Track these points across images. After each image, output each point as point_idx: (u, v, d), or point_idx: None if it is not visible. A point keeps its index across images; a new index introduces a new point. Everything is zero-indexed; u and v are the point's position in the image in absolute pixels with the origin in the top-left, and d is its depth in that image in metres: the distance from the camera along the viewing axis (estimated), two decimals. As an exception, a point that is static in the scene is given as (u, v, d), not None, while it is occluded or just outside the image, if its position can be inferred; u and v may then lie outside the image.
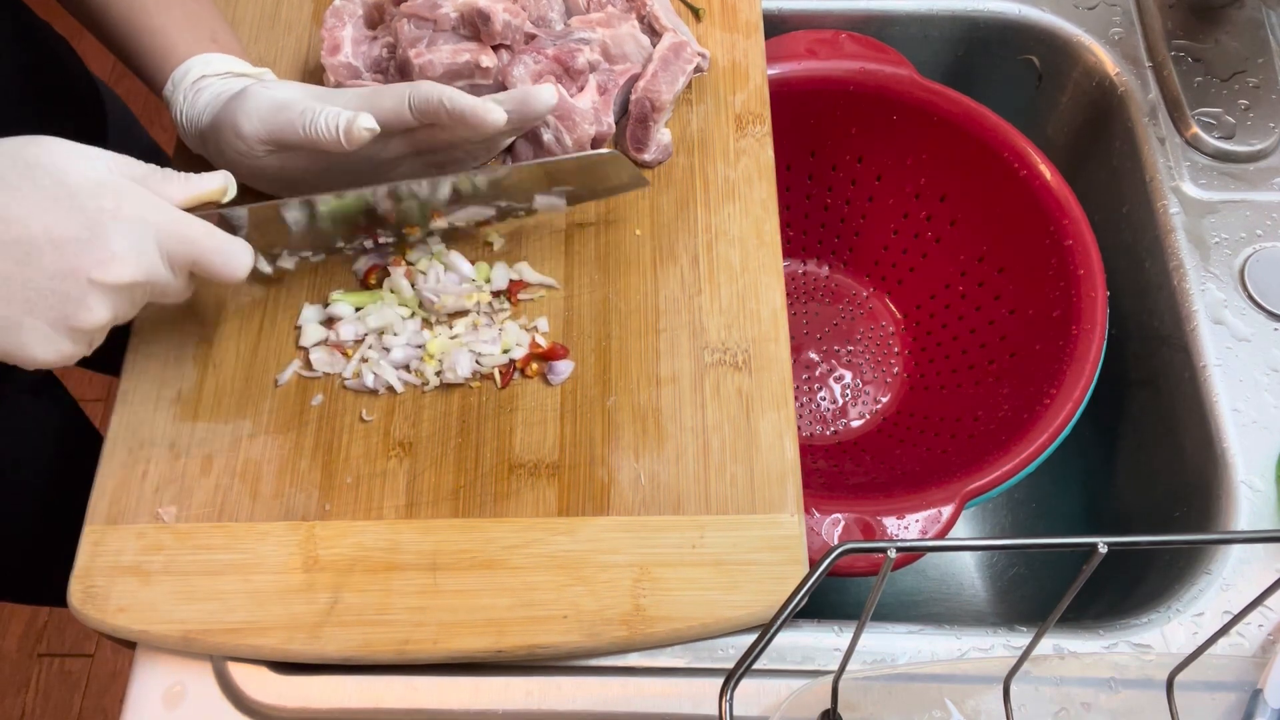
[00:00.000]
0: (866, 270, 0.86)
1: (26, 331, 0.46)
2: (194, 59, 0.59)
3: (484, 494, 0.56)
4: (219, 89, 0.58)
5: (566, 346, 0.60)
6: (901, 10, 0.82)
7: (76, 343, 0.49)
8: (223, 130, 0.57)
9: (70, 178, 0.47)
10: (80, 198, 0.47)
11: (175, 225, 0.50)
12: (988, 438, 0.68)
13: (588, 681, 0.54)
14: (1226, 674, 0.53)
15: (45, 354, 0.48)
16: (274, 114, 0.55)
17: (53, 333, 0.47)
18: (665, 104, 0.65)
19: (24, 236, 0.45)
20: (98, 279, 0.47)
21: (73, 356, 0.49)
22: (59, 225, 0.46)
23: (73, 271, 0.46)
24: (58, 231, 0.46)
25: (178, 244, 0.50)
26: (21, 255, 0.45)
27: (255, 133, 0.55)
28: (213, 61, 0.59)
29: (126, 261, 0.47)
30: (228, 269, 0.52)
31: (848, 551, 0.36)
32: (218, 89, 0.58)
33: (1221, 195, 0.70)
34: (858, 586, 0.82)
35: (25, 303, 0.46)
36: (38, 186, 0.46)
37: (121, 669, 1.43)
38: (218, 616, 0.53)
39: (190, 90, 0.59)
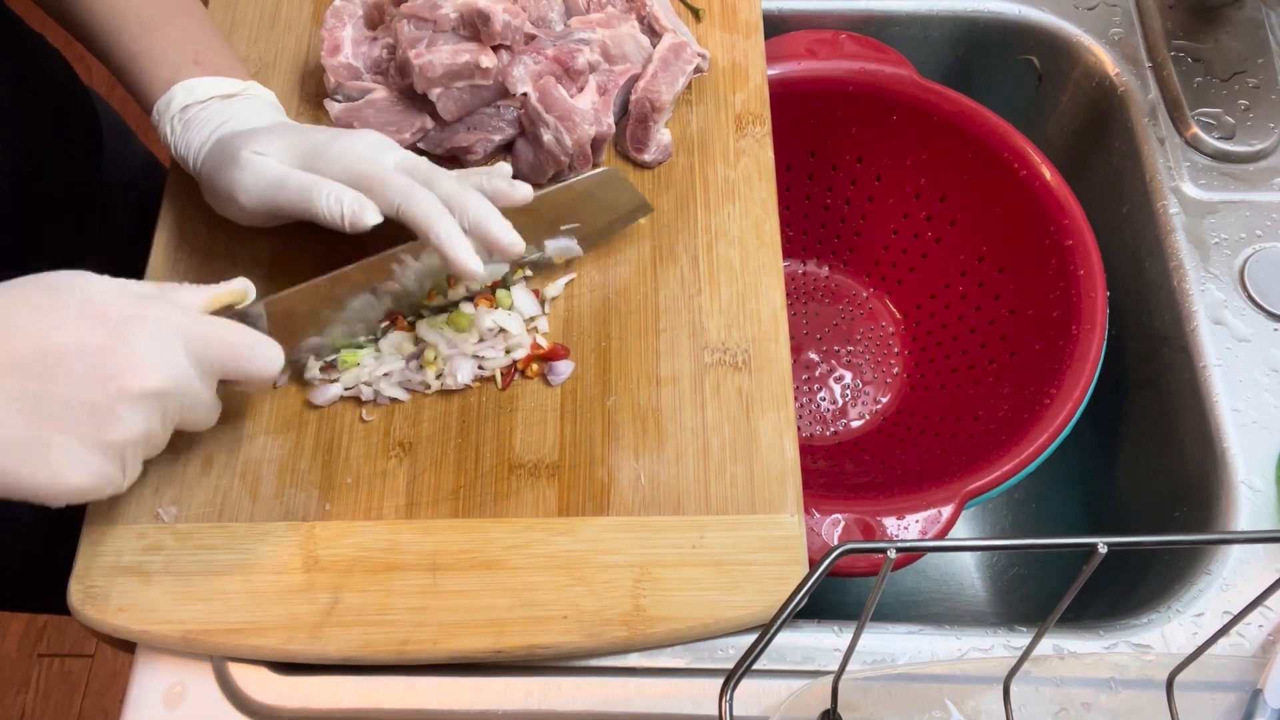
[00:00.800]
0: (866, 270, 0.86)
1: (56, 451, 0.44)
2: (177, 86, 0.58)
3: (484, 494, 0.56)
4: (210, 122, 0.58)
5: (567, 346, 0.60)
6: (901, 10, 0.82)
7: (109, 460, 0.46)
8: (219, 194, 0.57)
9: (91, 292, 0.46)
10: (104, 308, 0.46)
11: (201, 327, 0.49)
12: (988, 438, 0.68)
13: (588, 682, 0.54)
14: (1226, 674, 0.53)
15: (78, 476, 0.45)
16: (273, 193, 0.54)
17: (83, 450, 0.45)
18: (665, 104, 0.65)
19: (49, 349, 0.44)
20: (129, 385, 0.45)
21: (107, 478, 0.47)
22: (85, 335, 0.45)
23: (101, 381, 0.45)
24: (84, 341, 0.45)
25: (206, 346, 0.49)
26: (46, 370, 0.44)
27: (254, 204, 0.55)
28: (196, 87, 0.59)
29: (156, 367, 0.46)
30: (259, 364, 0.50)
31: (848, 552, 0.36)
32: (209, 122, 0.58)
33: (1221, 195, 0.70)
34: (858, 586, 0.82)
35: (52, 420, 0.44)
36: (60, 302, 0.45)
37: (121, 669, 1.43)
38: (218, 617, 0.53)
39: (178, 121, 0.58)
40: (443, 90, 0.63)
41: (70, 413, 0.44)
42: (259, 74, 0.69)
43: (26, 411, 0.44)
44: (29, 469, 0.44)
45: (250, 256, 0.63)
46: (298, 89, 0.69)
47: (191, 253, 0.63)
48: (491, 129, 0.65)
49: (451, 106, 0.64)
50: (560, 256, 0.62)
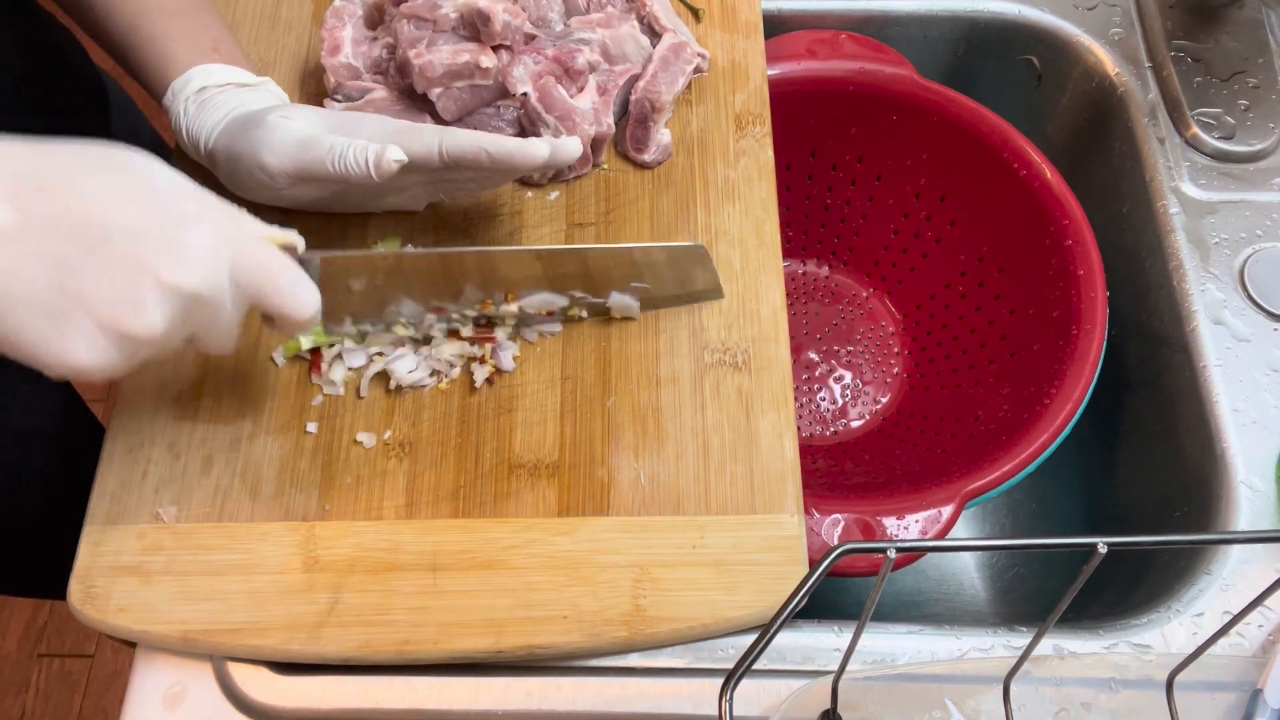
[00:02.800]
0: (866, 270, 0.86)
1: (74, 326, 0.42)
2: (195, 69, 0.59)
3: (484, 494, 0.56)
4: (225, 104, 0.58)
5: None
6: (901, 10, 0.82)
7: (120, 350, 0.44)
8: (242, 159, 0.56)
9: (158, 180, 0.45)
10: (164, 196, 0.45)
11: (254, 247, 0.47)
12: (988, 438, 0.68)
13: (588, 682, 0.54)
14: (1226, 674, 0.53)
15: (86, 356, 0.43)
16: (300, 152, 0.54)
17: (99, 334, 0.43)
18: (665, 104, 0.65)
19: (98, 220, 0.42)
20: (165, 279, 0.43)
21: (110, 367, 0.44)
22: (137, 216, 0.43)
23: (141, 266, 0.43)
24: (134, 221, 0.43)
25: (252, 268, 0.47)
26: (90, 241, 0.42)
27: (281, 168, 0.55)
28: (214, 72, 0.59)
29: (197, 267, 0.44)
30: (293, 303, 0.48)
31: (848, 552, 0.36)
32: (224, 104, 0.58)
33: (1221, 195, 0.70)
34: (858, 586, 0.82)
35: (80, 293, 0.42)
36: (125, 180, 0.44)
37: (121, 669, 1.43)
38: (218, 617, 0.53)
39: (192, 102, 0.59)
40: (443, 90, 0.63)
41: (99, 290, 0.42)
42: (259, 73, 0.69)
43: (57, 276, 0.42)
44: (39, 335, 0.42)
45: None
46: (298, 89, 0.69)
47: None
48: (491, 129, 0.65)
49: (451, 106, 0.64)
50: (617, 312, 0.60)
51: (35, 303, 0.41)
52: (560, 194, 0.66)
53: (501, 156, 0.54)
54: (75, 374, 0.44)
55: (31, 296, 0.41)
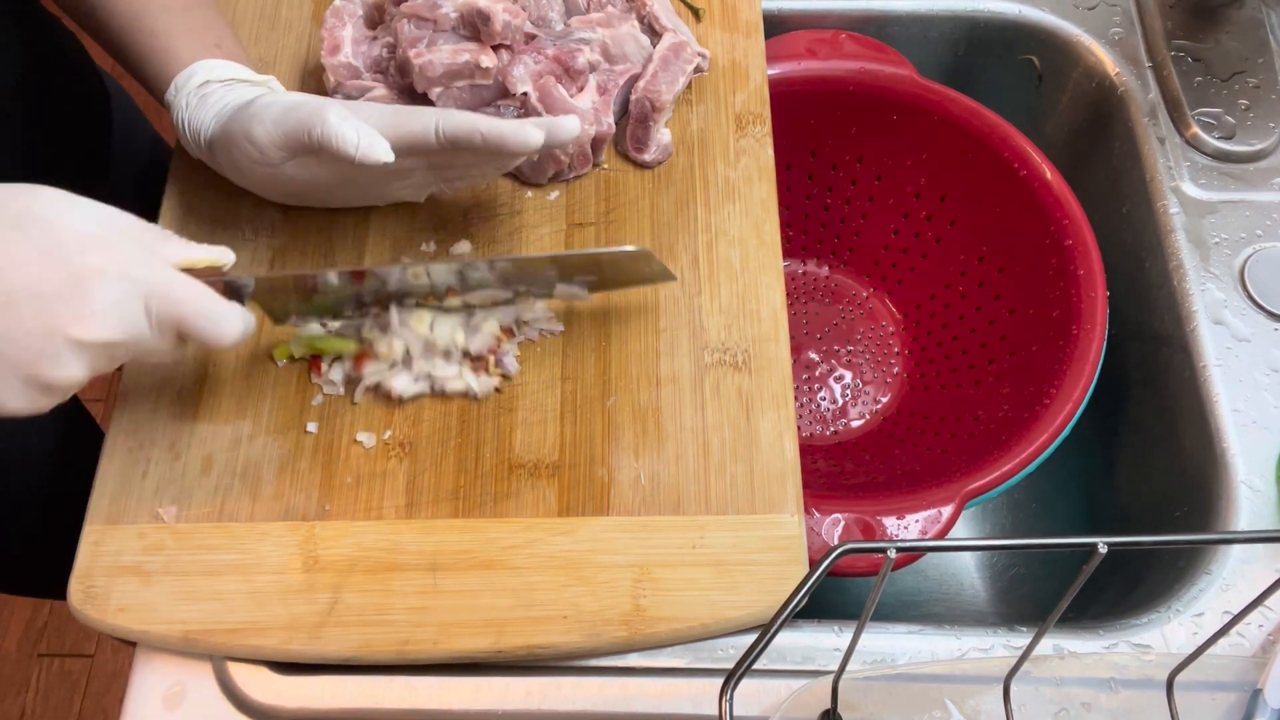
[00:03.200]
0: (866, 270, 0.86)
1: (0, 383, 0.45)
2: (198, 64, 0.59)
3: (484, 494, 0.56)
4: (225, 98, 0.58)
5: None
6: (901, 10, 0.81)
7: (50, 395, 0.47)
8: (234, 138, 0.56)
9: (60, 230, 0.45)
10: (67, 251, 0.45)
11: (164, 285, 0.48)
12: (988, 438, 0.68)
13: (588, 682, 0.54)
14: (1226, 674, 0.53)
15: (17, 404, 0.46)
16: (286, 114, 0.54)
17: (24, 387, 0.45)
18: (665, 104, 0.65)
19: (5, 288, 0.44)
20: (75, 336, 0.45)
21: (46, 406, 0.47)
22: (42, 279, 0.44)
23: (50, 328, 0.44)
24: (40, 285, 0.44)
25: (165, 304, 0.48)
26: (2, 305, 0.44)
27: (268, 135, 0.55)
28: (216, 68, 0.59)
29: (106, 320, 0.46)
30: (214, 333, 0.49)
31: (848, 551, 0.36)
32: (224, 97, 0.58)
33: (1221, 195, 0.70)
34: (858, 586, 0.82)
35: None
36: (25, 238, 0.45)
37: (121, 669, 1.43)
38: (218, 617, 0.53)
39: (194, 96, 0.59)
40: (443, 90, 0.63)
41: (16, 352, 0.44)
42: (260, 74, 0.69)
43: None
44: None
45: (250, 258, 0.63)
46: (297, 89, 0.69)
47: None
48: (491, 129, 0.65)
49: (451, 106, 0.64)
50: (564, 298, 0.61)
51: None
52: (560, 194, 0.66)
53: (494, 137, 0.54)
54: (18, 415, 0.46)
55: None
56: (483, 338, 0.59)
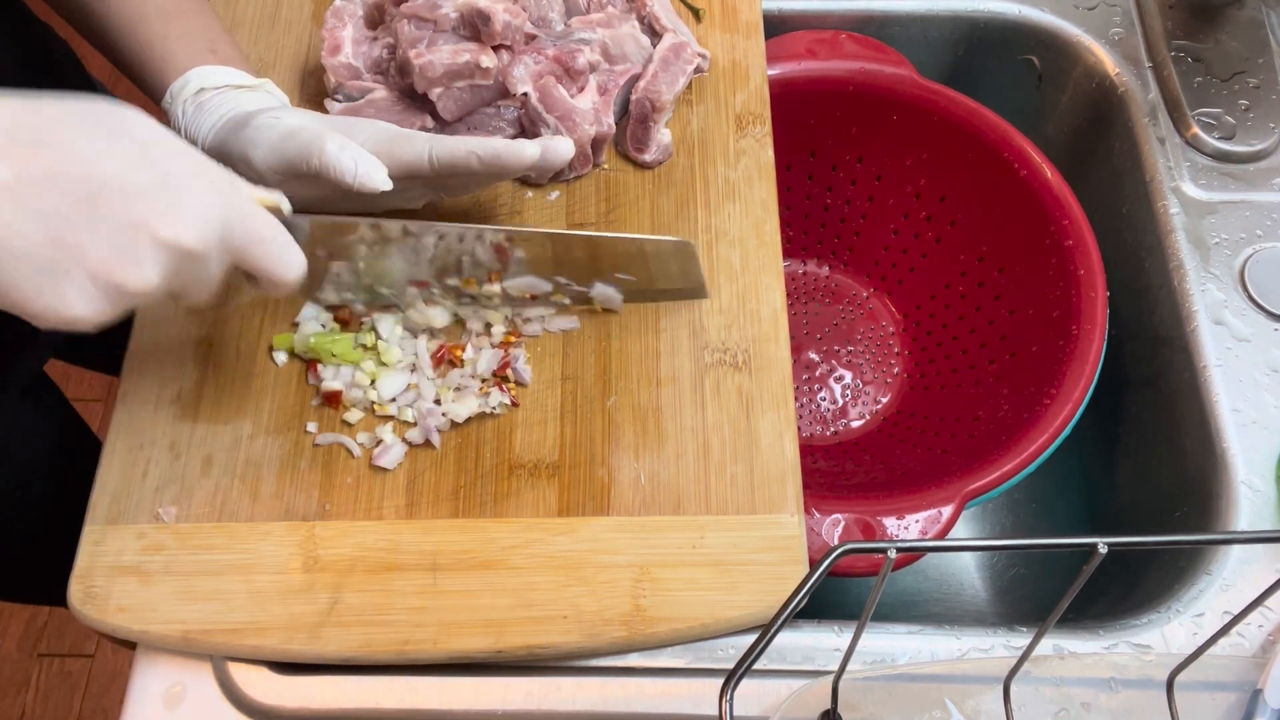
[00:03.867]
0: (866, 270, 0.86)
1: (69, 279, 0.43)
2: (192, 71, 0.59)
3: (484, 494, 0.56)
4: (222, 106, 0.58)
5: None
6: (901, 10, 0.81)
7: (111, 301, 0.45)
8: (232, 160, 0.56)
9: (152, 139, 0.45)
10: (160, 153, 0.45)
11: (245, 208, 0.48)
12: (988, 438, 0.68)
13: (588, 682, 0.54)
14: (1226, 674, 0.53)
15: (78, 308, 0.43)
16: (284, 140, 0.54)
17: (93, 287, 0.44)
18: (665, 104, 0.65)
19: (94, 176, 0.43)
20: (162, 235, 0.44)
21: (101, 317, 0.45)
22: (132, 173, 0.44)
23: (137, 222, 0.43)
24: (130, 179, 0.43)
25: (243, 228, 0.47)
26: (87, 196, 0.42)
27: (266, 161, 0.55)
28: (211, 74, 0.59)
29: (191, 223, 0.45)
30: (280, 265, 0.49)
31: (848, 552, 0.36)
32: (220, 106, 0.58)
33: (1221, 195, 0.70)
34: (858, 586, 0.82)
35: (76, 249, 0.42)
36: (117, 139, 0.44)
37: (121, 669, 1.43)
38: (218, 616, 0.53)
39: (190, 104, 0.59)
40: (443, 90, 0.63)
41: (96, 246, 0.43)
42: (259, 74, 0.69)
43: (52, 231, 0.42)
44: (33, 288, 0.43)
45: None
46: (298, 89, 0.69)
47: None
48: (492, 129, 0.65)
49: (452, 106, 0.64)
50: (599, 303, 0.61)
51: (31, 257, 0.42)
52: (560, 194, 0.66)
53: (490, 159, 0.55)
54: (66, 324, 0.44)
55: (27, 251, 0.42)
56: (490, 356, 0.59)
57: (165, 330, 0.61)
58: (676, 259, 0.59)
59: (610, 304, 0.61)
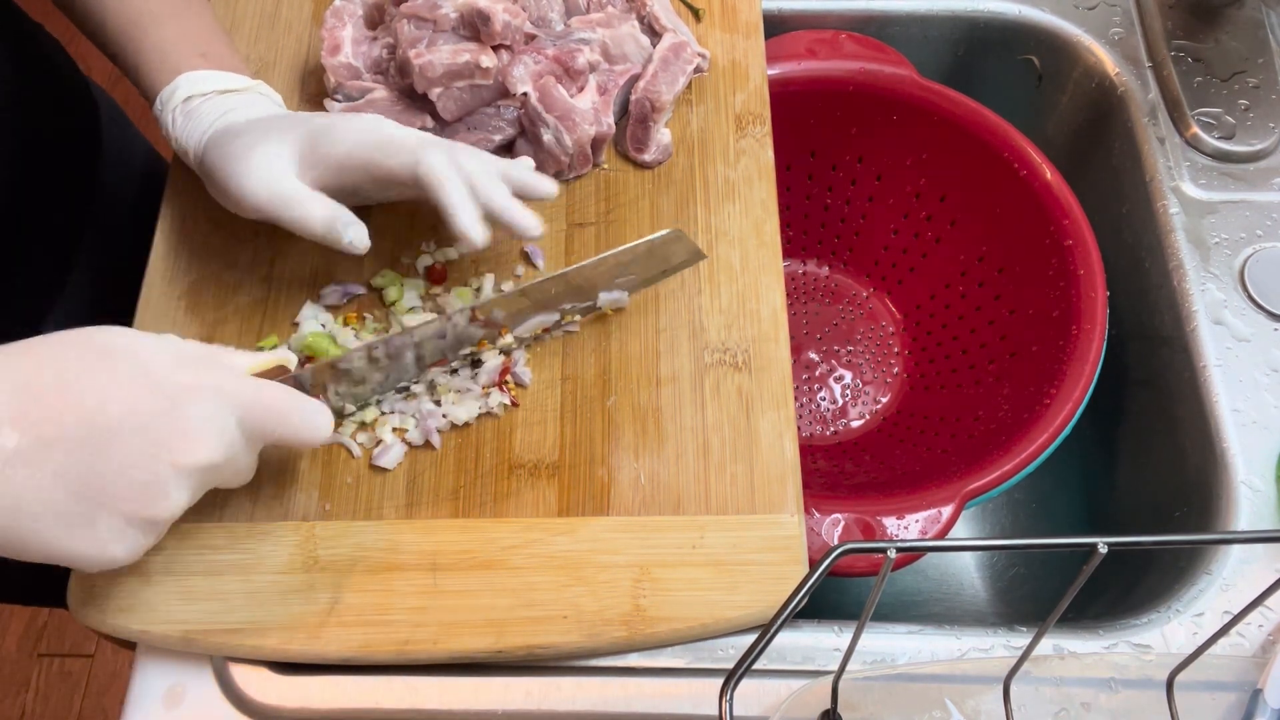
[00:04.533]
0: (866, 270, 0.86)
1: (102, 526, 0.43)
2: (181, 78, 0.58)
3: (484, 494, 0.56)
4: (211, 114, 0.58)
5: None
6: (901, 10, 0.82)
7: (148, 535, 0.45)
8: (225, 190, 0.56)
9: (145, 356, 0.45)
10: (156, 376, 0.45)
11: (253, 393, 0.47)
12: (988, 438, 0.68)
13: (588, 682, 0.54)
14: (1226, 674, 0.53)
15: (120, 550, 0.44)
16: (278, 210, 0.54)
17: (127, 526, 0.44)
18: (665, 104, 0.65)
19: (101, 421, 0.43)
20: (181, 461, 0.44)
21: (140, 550, 0.46)
22: (140, 406, 0.43)
23: (154, 455, 0.43)
24: (140, 413, 0.43)
25: (257, 412, 0.47)
26: (99, 444, 0.42)
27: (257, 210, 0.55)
28: (200, 80, 0.59)
29: (210, 440, 0.45)
30: (310, 430, 0.49)
31: (848, 551, 0.36)
32: (210, 114, 0.58)
33: (1221, 195, 0.70)
34: (858, 586, 0.82)
35: (100, 494, 0.43)
36: (115, 368, 0.44)
37: (121, 669, 1.43)
38: (218, 616, 0.53)
39: (180, 111, 0.58)
40: (443, 90, 0.63)
41: (119, 488, 0.43)
42: (259, 74, 0.69)
43: (74, 486, 0.42)
44: (69, 541, 0.43)
45: (250, 259, 0.63)
46: (298, 89, 0.69)
47: (191, 254, 0.63)
48: (491, 129, 0.65)
49: (451, 106, 0.64)
50: (609, 306, 0.61)
51: (60, 515, 0.42)
52: (560, 194, 0.65)
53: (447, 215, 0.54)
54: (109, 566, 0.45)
55: (55, 511, 0.42)
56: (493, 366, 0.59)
57: (165, 330, 0.61)
58: (672, 245, 0.59)
59: (618, 305, 0.61)
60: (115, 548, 0.44)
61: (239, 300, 0.62)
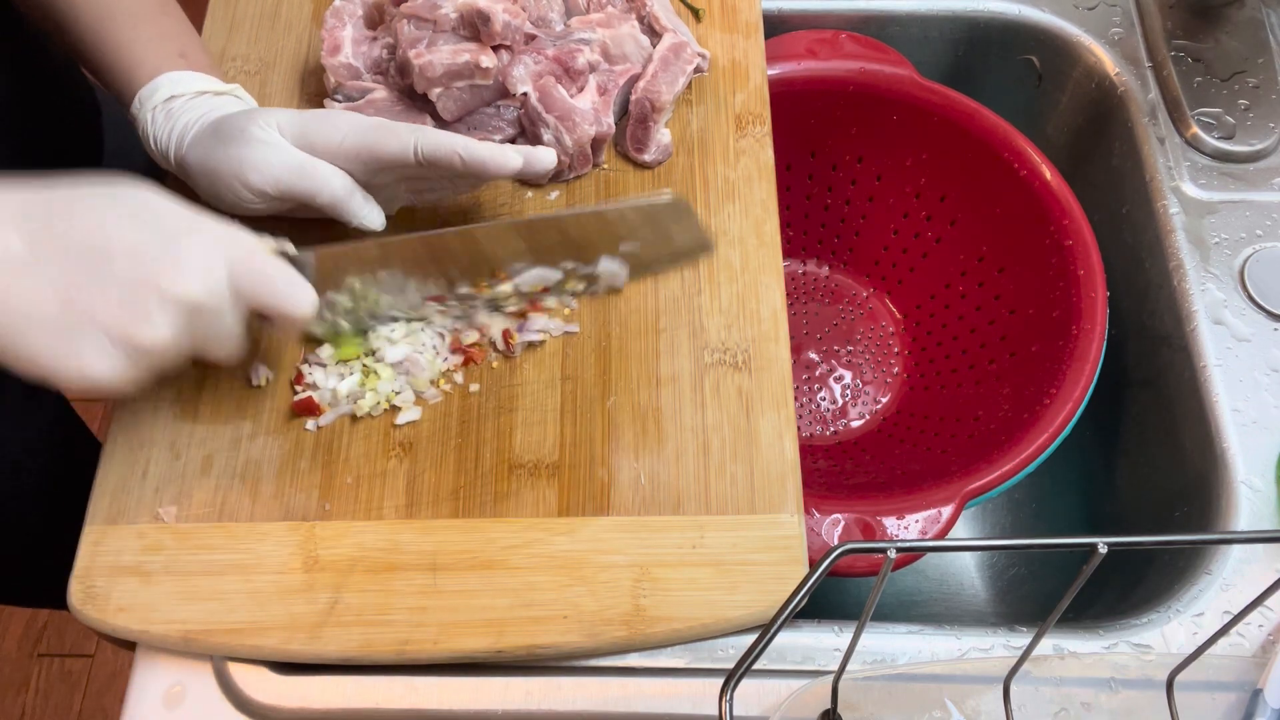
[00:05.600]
0: (866, 270, 0.86)
1: (87, 341, 0.45)
2: (162, 77, 0.58)
3: (484, 494, 0.56)
4: (193, 113, 0.58)
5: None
6: (901, 10, 0.82)
7: (129, 360, 0.47)
8: (221, 176, 0.56)
9: (152, 201, 0.48)
10: (160, 216, 0.47)
11: (247, 252, 0.50)
12: (988, 438, 0.68)
13: (588, 682, 0.54)
14: (1226, 674, 0.53)
15: (100, 368, 0.46)
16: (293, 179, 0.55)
17: (111, 347, 0.46)
18: (665, 104, 0.65)
19: (100, 243, 0.45)
20: (167, 290, 0.46)
21: (124, 378, 0.47)
22: (136, 235, 0.46)
23: (144, 281, 0.46)
24: (134, 242, 0.46)
25: (247, 271, 0.49)
26: (93, 262, 0.45)
27: (263, 188, 0.56)
28: (182, 80, 0.59)
29: (196, 276, 0.47)
30: (291, 302, 0.51)
31: (848, 552, 0.36)
32: (191, 113, 0.58)
33: (1221, 195, 0.70)
34: (858, 586, 0.82)
35: (89, 310, 0.45)
36: (120, 204, 0.47)
37: (121, 669, 1.43)
38: (218, 616, 0.53)
39: (160, 110, 0.58)
40: (443, 90, 0.63)
41: (107, 307, 0.45)
42: (259, 74, 0.69)
43: (65, 297, 0.44)
44: (55, 352, 0.45)
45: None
46: (298, 89, 0.69)
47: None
48: (491, 129, 0.65)
49: (451, 106, 0.64)
50: (606, 279, 0.61)
51: (49, 322, 0.45)
52: (560, 194, 0.66)
53: (474, 162, 0.56)
54: (91, 386, 0.46)
55: (45, 317, 0.44)
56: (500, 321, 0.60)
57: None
58: (677, 220, 0.59)
59: (616, 281, 0.61)
60: (97, 365, 0.46)
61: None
